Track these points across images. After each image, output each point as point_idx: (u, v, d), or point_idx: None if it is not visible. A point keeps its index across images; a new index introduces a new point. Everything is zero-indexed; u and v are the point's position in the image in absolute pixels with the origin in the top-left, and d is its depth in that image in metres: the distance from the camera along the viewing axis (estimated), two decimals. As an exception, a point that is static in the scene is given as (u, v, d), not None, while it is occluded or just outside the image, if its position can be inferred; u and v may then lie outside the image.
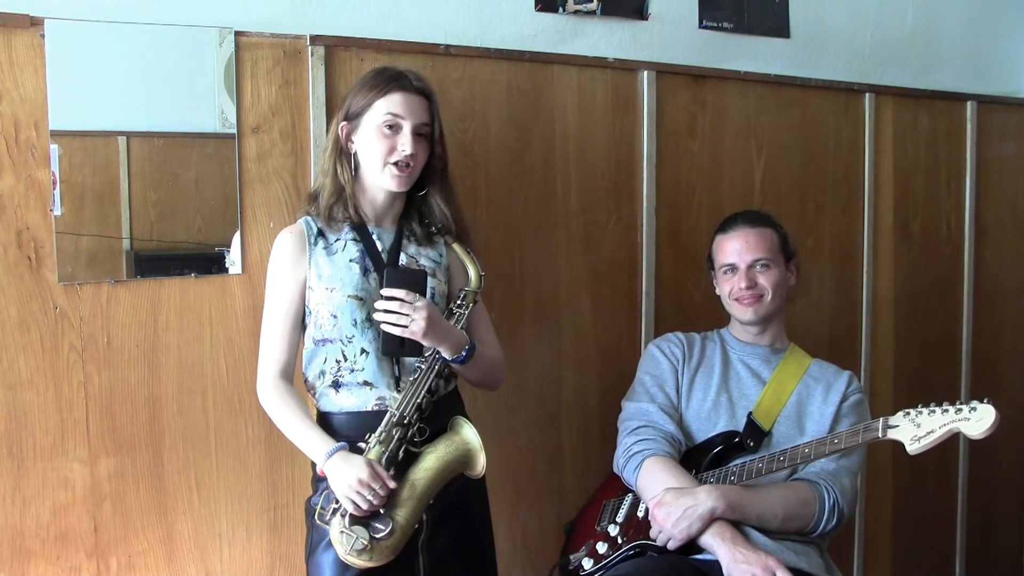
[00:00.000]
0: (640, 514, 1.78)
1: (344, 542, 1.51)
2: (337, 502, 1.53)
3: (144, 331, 1.75)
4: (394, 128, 1.60)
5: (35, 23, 1.62)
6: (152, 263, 1.76)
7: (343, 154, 1.65)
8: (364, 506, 1.50)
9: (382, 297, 1.57)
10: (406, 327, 1.55)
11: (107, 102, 1.71)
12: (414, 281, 1.59)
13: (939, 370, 2.89)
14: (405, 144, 1.59)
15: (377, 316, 1.57)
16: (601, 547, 1.77)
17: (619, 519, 1.80)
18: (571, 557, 1.80)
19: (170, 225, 1.78)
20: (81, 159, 1.69)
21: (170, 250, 1.79)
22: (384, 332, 1.58)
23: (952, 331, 2.92)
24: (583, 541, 1.82)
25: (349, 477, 1.50)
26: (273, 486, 1.89)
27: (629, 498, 1.84)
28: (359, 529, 1.50)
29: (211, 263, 1.81)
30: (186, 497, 1.81)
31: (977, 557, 3.04)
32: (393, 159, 1.60)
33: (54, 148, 1.66)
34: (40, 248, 1.66)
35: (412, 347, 1.58)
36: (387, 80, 1.61)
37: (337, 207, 1.64)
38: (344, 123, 1.64)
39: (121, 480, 1.75)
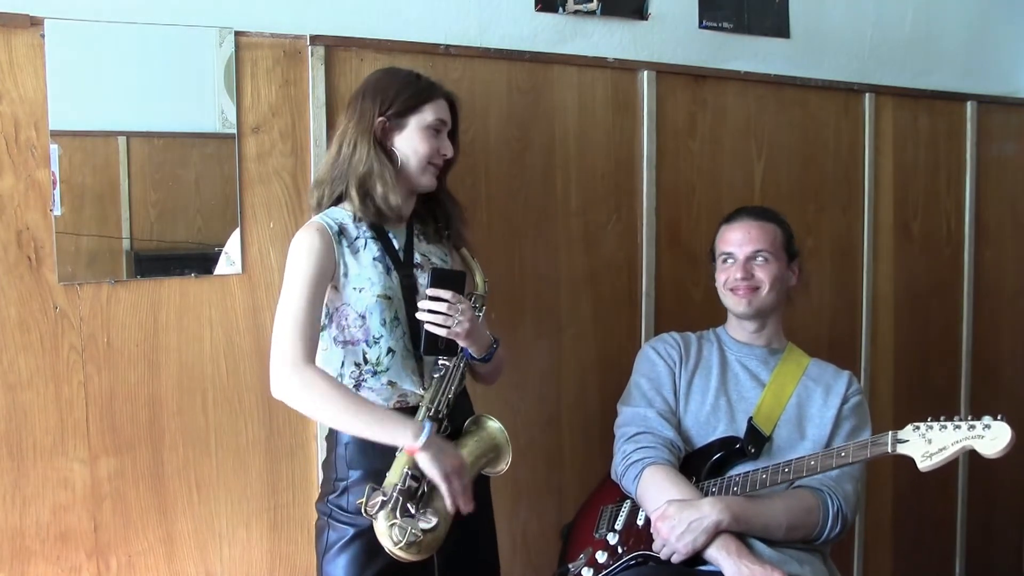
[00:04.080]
0: (640, 523, 1.75)
1: (395, 535, 1.46)
2: (385, 495, 1.48)
3: (144, 331, 1.76)
4: (439, 132, 1.66)
5: (35, 23, 1.62)
6: (152, 263, 1.76)
7: (383, 149, 1.63)
8: (458, 491, 1.49)
9: (427, 297, 1.58)
10: (449, 327, 1.57)
11: (107, 102, 1.71)
12: (458, 282, 1.62)
13: (939, 370, 2.88)
14: (447, 147, 1.68)
15: (422, 316, 1.58)
16: (600, 556, 1.74)
17: (618, 527, 1.78)
18: (570, 566, 1.77)
19: (170, 225, 1.78)
20: (81, 159, 1.69)
21: (170, 250, 1.79)
22: (426, 332, 1.58)
23: (952, 331, 2.92)
24: (581, 548, 1.79)
25: (454, 459, 1.50)
26: (273, 486, 1.89)
27: (627, 505, 1.81)
28: (410, 521, 1.48)
29: (211, 263, 1.81)
30: (186, 497, 1.81)
31: (977, 559, 3.04)
32: (435, 160, 1.66)
33: (54, 148, 1.66)
34: (40, 248, 1.66)
35: (449, 347, 1.60)
36: (430, 85, 1.67)
37: (394, 195, 1.61)
38: (382, 119, 1.62)
39: (121, 480, 1.75)
